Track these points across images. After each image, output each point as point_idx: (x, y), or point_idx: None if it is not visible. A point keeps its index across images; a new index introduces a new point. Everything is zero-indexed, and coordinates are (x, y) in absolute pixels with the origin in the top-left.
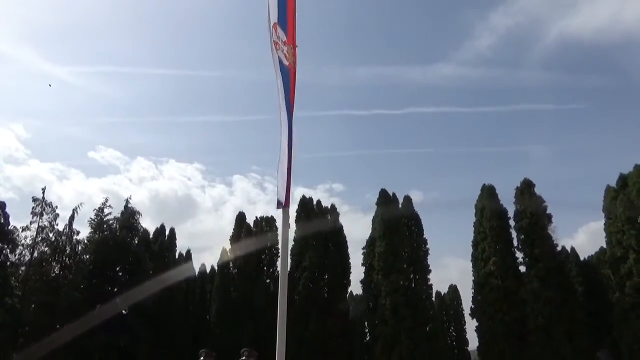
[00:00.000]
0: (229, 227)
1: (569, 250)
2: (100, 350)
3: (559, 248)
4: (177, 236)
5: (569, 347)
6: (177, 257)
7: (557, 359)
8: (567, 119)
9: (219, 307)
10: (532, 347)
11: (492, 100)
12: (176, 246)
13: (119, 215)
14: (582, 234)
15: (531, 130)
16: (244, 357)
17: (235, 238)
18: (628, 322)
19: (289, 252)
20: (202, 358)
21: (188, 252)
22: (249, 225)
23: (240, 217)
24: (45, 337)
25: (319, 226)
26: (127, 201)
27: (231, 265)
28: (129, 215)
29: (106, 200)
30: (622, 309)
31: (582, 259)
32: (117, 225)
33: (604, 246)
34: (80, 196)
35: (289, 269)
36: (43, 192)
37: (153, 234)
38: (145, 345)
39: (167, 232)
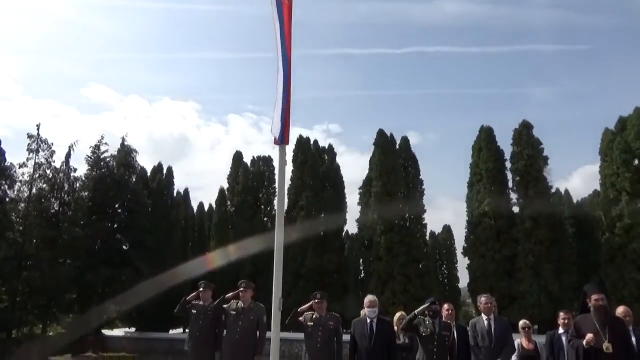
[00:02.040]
0: (225, 166)
1: (562, 192)
2: (103, 283)
3: (553, 190)
4: (174, 175)
5: (557, 284)
6: (175, 195)
7: (544, 294)
8: (571, 60)
9: (218, 244)
10: (521, 284)
11: (495, 40)
12: (174, 184)
13: (115, 153)
14: (577, 177)
15: (534, 71)
16: (241, 288)
17: (232, 177)
18: (615, 261)
19: (286, 192)
20: (201, 289)
21: (186, 191)
22: (246, 164)
23: (237, 156)
24: (48, 270)
25: (316, 166)
26: (123, 139)
27: (229, 203)
28: (126, 153)
29: (102, 137)
30: (610, 248)
31: (575, 201)
32: (114, 163)
33: (598, 189)
34: (74, 134)
35: (285, 208)
36: (38, 129)
37: (150, 172)
38: (147, 279)
39: (164, 171)
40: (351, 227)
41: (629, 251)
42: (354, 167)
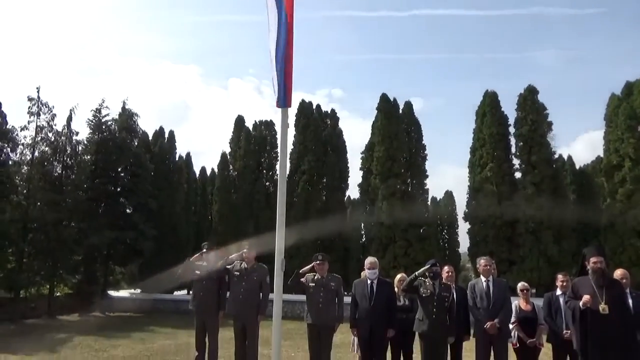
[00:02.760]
0: (226, 131)
1: (565, 158)
2: (108, 245)
3: (556, 156)
4: (176, 139)
5: (556, 249)
6: (177, 159)
7: (543, 259)
8: (579, 24)
9: (220, 208)
10: (521, 249)
11: (503, 3)
12: (176, 149)
13: (116, 116)
14: (581, 143)
15: (543, 35)
16: (245, 250)
17: (234, 141)
18: (615, 227)
19: (288, 156)
20: (204, 250)
21: (188, 155)
22: (247, 128)
23: (239, 120)
24: (53, 233)
25: (319, 130)
26: (124, 102)
27: (231, 168)
28: (127, 116)
29: (103, 101)
30: (611, 214)
31: (577, 167)
32: (116, 127)
33: (601, 155)
34: (75, 97)
35: (287, 173)
36: (38, 92)
37: (152, 137)
38: (151, 241)
39: (166, 135)
40: (353, 192)
41: (630, 217)
42: (356, 133)
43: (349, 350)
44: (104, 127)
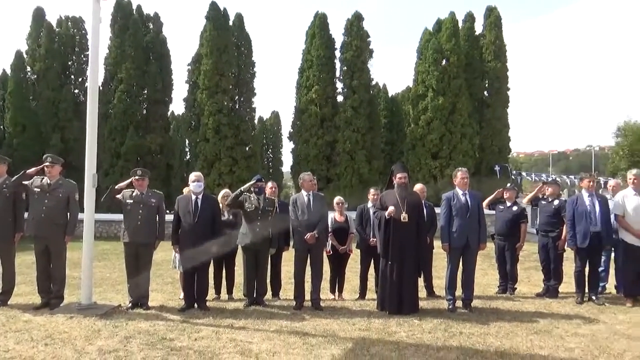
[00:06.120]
0: (22, 25)
1: (381, 85)
2: None
3: (373, 83)
4: None
5: (367, 167)
6: None
7: (356, 177)
8: None
9: (15, 116)
10: (338, 167)
11: None
12: None
13: None
14: (395, 72)
15: None
16: (47, 163)
17: (32, 38)
18: (415, 150)
19: (102, 60)
20: None
21: None
22: (50, 24)
23: (38, 14)
24: None
25: (139, 35)
26: None
27: (29, 70)
28: None
29: None
30: (413, 137)
31: (390, 95)
32: None
33: (410, 85)
34: None
35: (102, 80)
36: None
37: None
38: None
39: None
40: (178, 106)
41: (427, 141)
42: (182, 41)
43: (169, 267)
44: None
